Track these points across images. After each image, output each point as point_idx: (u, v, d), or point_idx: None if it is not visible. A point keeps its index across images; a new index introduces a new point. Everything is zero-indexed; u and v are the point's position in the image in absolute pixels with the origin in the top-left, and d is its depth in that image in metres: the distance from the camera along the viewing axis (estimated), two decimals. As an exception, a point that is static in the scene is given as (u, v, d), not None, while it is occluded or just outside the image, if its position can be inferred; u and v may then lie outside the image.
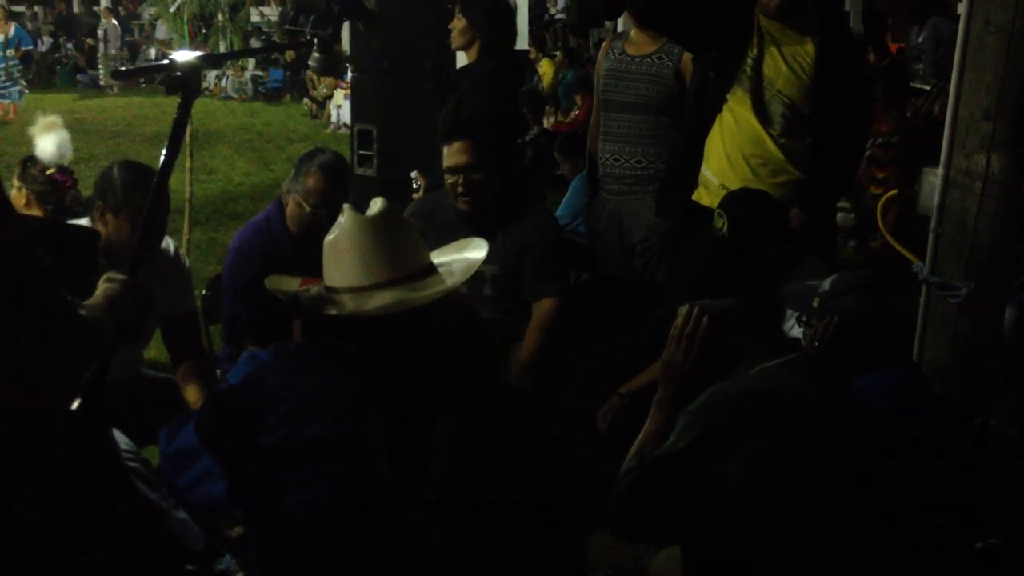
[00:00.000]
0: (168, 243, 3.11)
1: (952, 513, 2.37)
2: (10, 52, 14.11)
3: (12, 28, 14.81)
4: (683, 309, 2.10)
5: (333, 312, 1.84)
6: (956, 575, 2.39)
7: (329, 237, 1.89)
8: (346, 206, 1.90)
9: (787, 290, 2.55)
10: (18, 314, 1.39)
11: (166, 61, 2.04)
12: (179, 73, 1.97)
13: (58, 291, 1.45)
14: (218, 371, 3.35)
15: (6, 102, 13.76)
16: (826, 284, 2.52)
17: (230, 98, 17.88)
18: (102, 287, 1.73)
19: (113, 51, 19.03)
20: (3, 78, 13.77)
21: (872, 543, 1.96)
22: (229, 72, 18.37)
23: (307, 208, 3.20)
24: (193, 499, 2.02)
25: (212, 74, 18.33)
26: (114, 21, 19.57)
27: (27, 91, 14.62)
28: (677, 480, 1.93)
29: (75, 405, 1.65)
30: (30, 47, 16.83)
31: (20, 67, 14.67)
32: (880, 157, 7.12)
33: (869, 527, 1.97)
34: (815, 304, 2.49)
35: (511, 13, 4.70)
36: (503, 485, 1.85)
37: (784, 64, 3.44)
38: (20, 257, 1.41)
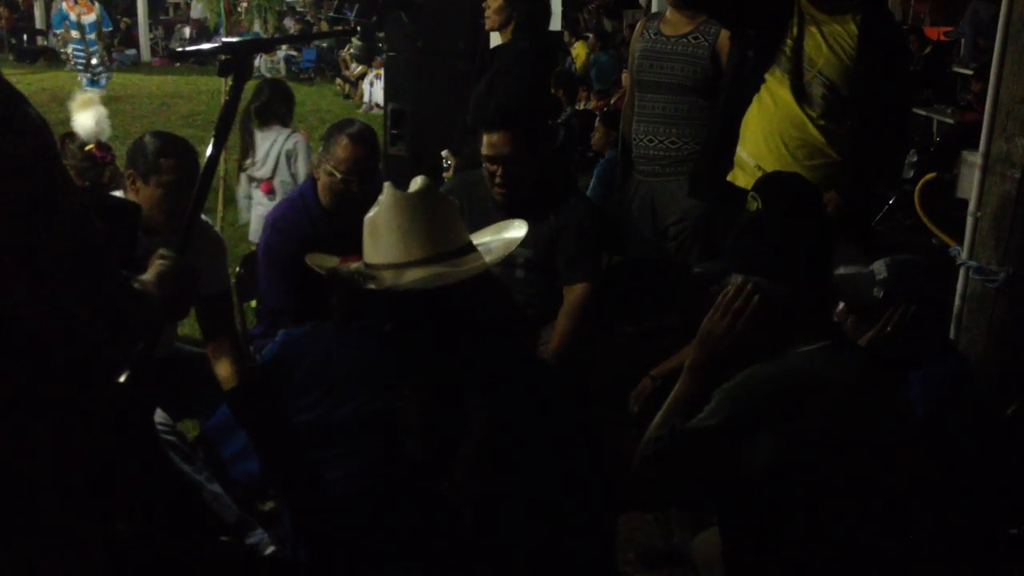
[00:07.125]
0: (201, 222, 3.12)
1: (986, 499, 2.36)
2: (91, 36, 12.89)
3: (96, 8, 13.27)
4: (736, 279, 2.02)
5: (371, 286, 1.84)
6: (990, 561, 2.37)
7: (369, 214, 1.90)
8: (387, 184, 1.91)
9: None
10: (75, 284, 1.40)
11: (218, 44, 2.04)
12: (230, 57, 1.97)
13: (113, 264, 1.47)
14: (252, 348, 3.38)
15: (97, 89, 12.13)
16: (882, 271, 2.41)
17: (263, 78, 17.94)
18: (155, 263, 1.75)
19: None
20: (95, 63, 12.81)
21: (905, 529, 1.95)
22: (262, 52, 18.40)
23: (339, 176, 3.21)
24: (233, 475, 2.04)
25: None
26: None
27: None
28: (705, 456, 1.92)
29: (123, 378, 1.67)
30: (109, 28, 14.86)
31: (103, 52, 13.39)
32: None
33: (902, 512, 1.96)
34: (877, 293, 2.39)
35: None
36: (533, 465, 1.86)
37: (825, 45, 3.40)
38: (79, 228, 1.43)
